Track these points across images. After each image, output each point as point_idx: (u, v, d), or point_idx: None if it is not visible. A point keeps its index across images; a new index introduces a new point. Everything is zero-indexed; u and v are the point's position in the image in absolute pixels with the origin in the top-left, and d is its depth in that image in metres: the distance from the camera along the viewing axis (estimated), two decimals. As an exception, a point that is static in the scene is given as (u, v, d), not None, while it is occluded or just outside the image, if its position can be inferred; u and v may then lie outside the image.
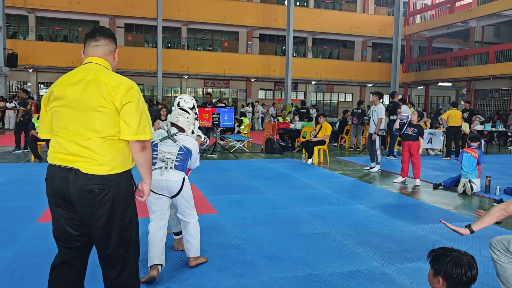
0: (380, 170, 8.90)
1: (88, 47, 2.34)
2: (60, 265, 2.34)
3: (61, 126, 2.19)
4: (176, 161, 3.32)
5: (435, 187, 7.17)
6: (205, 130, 11.02)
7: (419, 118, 7.71)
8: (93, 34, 2.33)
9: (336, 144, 14.09)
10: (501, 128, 14.96)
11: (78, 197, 2.12)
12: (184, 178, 3.35)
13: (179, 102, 3.85)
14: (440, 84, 28.09)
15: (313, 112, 18.61)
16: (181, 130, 3.49)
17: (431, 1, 29.73)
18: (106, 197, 2.14)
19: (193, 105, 3.86)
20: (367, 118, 14.70)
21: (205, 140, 4.09)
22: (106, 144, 2.15)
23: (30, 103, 10.70)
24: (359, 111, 12.82)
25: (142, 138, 2.16)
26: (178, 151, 3.34)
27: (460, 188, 6.79)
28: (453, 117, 11.05)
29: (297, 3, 26.63)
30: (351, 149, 13.09)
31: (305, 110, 14.86)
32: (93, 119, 2.13)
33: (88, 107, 2.13)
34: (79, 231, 2.25)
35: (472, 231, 2.68)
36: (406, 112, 12.78)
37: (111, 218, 2.18)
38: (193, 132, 3.60)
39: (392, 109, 10.98)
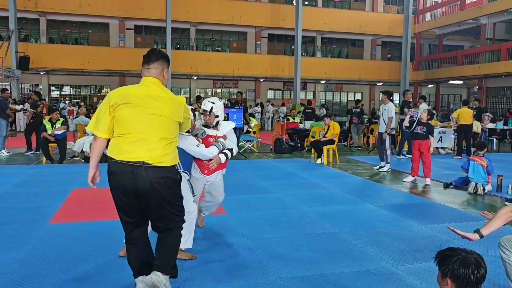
0: (390, 170, 8.85)
1: (143, 69, 2.90)
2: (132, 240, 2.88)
3: (129, 128, 2.67)
4: None
5: (446, 186, 7.10)
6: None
7: (429, 117, 7.63)
8: (148, 59, 2.88)
9: (345, 144, 14.03)
10: (513, 126, 14.75)
11: (150, 185, 2.67)
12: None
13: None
14: (451, 82, 27.79)
15: (322, 111, 18.55)
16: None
17: (441, -2, 29.45)
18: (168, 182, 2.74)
19: (194, 109, 3.95)
20: (366, 117, 14.64)
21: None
22: (170, 144, 2.75)
23: (41, 105, 10.85)
24: (358, 110, 12.77)
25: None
26: None
27: (470, 190, 6.69)
28: (464, 115, 10.93)
29: (306, 3, 26.57)
30: (359, 148, 13.02)
31: (311, 110, 14.80)
32: (167, 126, 2.73)
33: (164, 116, 2.71)
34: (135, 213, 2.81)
35: (481, 236, 2.67)
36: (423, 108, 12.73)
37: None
38: (189, 131, 3.61)
39: (400, 108, 10.90)
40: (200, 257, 3.71)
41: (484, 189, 6.63)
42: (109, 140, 2.79)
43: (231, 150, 3.98)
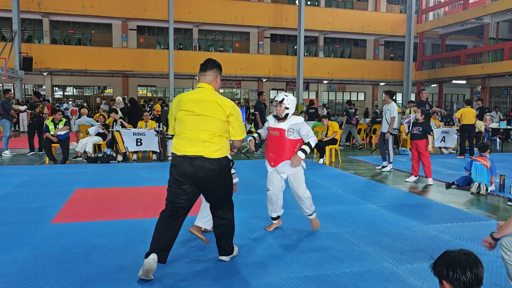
0: (392, 170, 8.83)
1: (200, 76, 3.43)
2: (167, 216, 3.39)
3: (185, 128, 3.26)
4: None
5: (448, 186, 7.07)
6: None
7: (423, 116, 7.60)
8: (204, 67, 3.41)
9: (348, 143, 14.01)
10: (517, 125, 14.69)
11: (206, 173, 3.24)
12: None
13: None
14: (454, 82, 27.70)
15: (323, 111, 18.49)
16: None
17: (444, -3, 29.37)
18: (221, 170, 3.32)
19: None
20: (358, 117, 14.60)
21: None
22: (221, 138, 3.29)
23: (40, 105, 10.78)
24: (353, 110, 12.77)
25: (243, 137, 3.43)
26: None
27: (473, 190, 6.67)
28: (467, 115, 10.89)
29: (308, 3, 26.54)
30: (361, 147, 13.00)
31: (313, 110, 14.78)
32: (214, 124, 3.25)
33: (211, 116, 3.24)
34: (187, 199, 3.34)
35: (494, 238, 2.80)
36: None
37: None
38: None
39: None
40: (201, 257, 3.71)
41: (487, 189, 6.61)
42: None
43: (308, 144, 4.30)
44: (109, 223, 4.72)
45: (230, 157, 3.46)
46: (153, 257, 3.15)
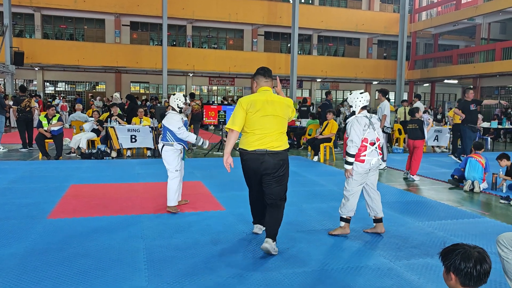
0: (386, 168, 8.90)
1: (263, 82, 3.91)
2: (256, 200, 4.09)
3: (262, 126, 3.67)
4: None
5: (453, 183, 7.11)
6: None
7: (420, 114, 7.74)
8: (265, 74, 3.92)
9: (342, 142, 14.08)
10: (507, 125, 14.87)
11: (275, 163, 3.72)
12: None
13: None
14: (446, 81, 27.96)
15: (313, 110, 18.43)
16: None
17: (437, -3, 29.58)
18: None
19: None
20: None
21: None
22: (284, 135, 3.81)
23: (26, 100, 10.49)
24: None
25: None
26: None
27: (466, 188, 6.76)
28: (460, 114, 10.99)
29: (302, 1, 26.57)
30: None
31: (306, 108, 14.83)
32: (280, 122, 3.76)
33: (281, 117, 3.76)
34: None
35: None
36: (420, 108, 12.73)
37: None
38: (181, 111, 5.39)
39: (462, 109, 9.51)
40: (201, 252, 3.73)
41: (479, 187, 6.70)
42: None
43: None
44: (106, 219, 4.71)
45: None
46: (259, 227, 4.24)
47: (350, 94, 4.40)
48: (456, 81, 28.50)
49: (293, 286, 3.13)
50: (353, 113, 4.33)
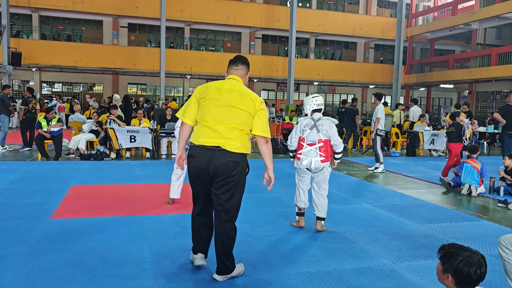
0: (384, 171, 8.97)
1: (230, 69, 3.36)
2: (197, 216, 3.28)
3: (212, 117, 3.06)
4: None
5: (447, 187, 7.20)
6: None
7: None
8: (235, 61, 3.38)
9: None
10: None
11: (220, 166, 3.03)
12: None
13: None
14: (442, 86, 28.16)
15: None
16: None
17: (434, 3, 29.80)
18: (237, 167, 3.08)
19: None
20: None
21: None
22: (242, 133, 3.09)
23: (33, 101, 10.75)
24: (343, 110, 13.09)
25: (267, 135, 3.16)
26: None
27: (464, 192, 6.84)
28: (456, 118, 11.09)
29: (300, 4, 26.70)
30: (354, 150, 13.16)
31: None
32: (238, 116, 3.07)
33: (237, 108, 3.07)
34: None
35: None
36: (417, 112, 12.81)
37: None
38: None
39: (504, 114, 8.53)
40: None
41: (476, 191, 6.78)
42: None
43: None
44: (109, 219, 4.74)
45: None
46: (200, 256, 3.37)
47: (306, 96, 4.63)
48: (452, 86, 28.72)
49: (297, 286, 3.17)
50: (306, 115, 4.62)
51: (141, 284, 3.09)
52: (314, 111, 4.56)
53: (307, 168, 4.47)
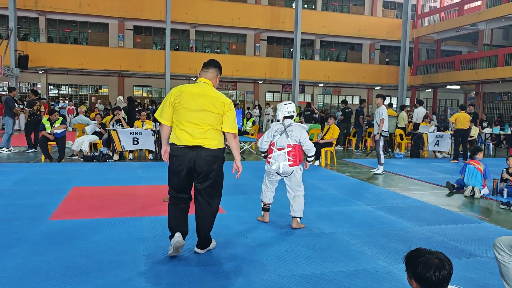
0: (384, 172, 8.90)
1: (202, 71, 3.70)
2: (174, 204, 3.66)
3: (188, 120, 3.46)
4: None
5: (451, 189, 7.12)
6: None
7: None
8: (208, 64, 3.70)
9: (343, 147, 14.10)
10: (510, 131, 14.87)
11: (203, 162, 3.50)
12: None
13: None
14: (448, 87, 27.97)
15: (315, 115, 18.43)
16: None
17: (440, 3, 29.65)
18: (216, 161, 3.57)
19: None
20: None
21: None
22: (216, 132, 3.54)
23: (37, 104, 10.86)
24: (349, 109, 13.08)
25: (235, 131, 3.60)
26: None
27: (467, 193, 6.77)
28: (461, 120, 11.02)
29: (305, 6, 26.70)
30: (357, 151, 13.11)
31: (309, 113, 14.89)
32: (208, 117, 3.47)
33: (209, 111, 3.47)
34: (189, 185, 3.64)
35: None
36: (421, 113, 12.72)
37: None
38: None
39: None
40: (200, 255, 3.76)
41: (480, 193, 6.71)
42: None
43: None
44: (107, 221, 4.75)
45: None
46: (178, 234, 3.55)
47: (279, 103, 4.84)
48: (458, 87, 28.51)
49: (291, 288, 3.16)
50: (278, 120, 4.84)
51: (133, 286, 3.09)
52: (285, 117, 4.76)
53: (276, 172, 4.64)
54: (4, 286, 3.02)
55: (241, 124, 11.47)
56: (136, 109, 14.29)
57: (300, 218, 4.73)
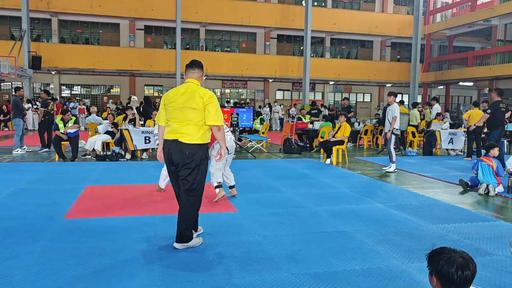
0: (396, 170, 8.83)
1: (188, 73, 3.97)
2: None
3: (173, 117, 3.78)
4: None
5: (465, 187, 7.02)
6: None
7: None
8: (192, 65, 3.98)
9: (355, 144, 14.03)
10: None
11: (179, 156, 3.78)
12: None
13: None
14: (461, 83, 27.61)
15: (325, 112, 18.29)
16: None
17: (452, -1, 29.29)
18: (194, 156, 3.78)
19: None
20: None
21: None
22: (196, 127, 3.75)
23: (51, 103, 11.00)
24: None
25: (218, 123, 3.79)
26: None
27: (481, 191, 6.68)
28: (475, 117, 10.87)
29: (315, 3, 26.57)
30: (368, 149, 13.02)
31: (316, 111, 14.83)
32: (189, 113, 3.74)
33: (189, 107, 3.74)
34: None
35: None
36: (435, 111, 12.56)
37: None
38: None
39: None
40: (213, 252, 3.77)
41: (494, 190, 6.62)
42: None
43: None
44: (120, 219, 4.79)
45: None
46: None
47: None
48: (471, 84, 28.14)
49: (304, 287, 3.15)
50: None
51: (147, 284, 3.11)
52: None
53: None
54: (21, 283, 3.07)
55: (251, 123, 11.45)
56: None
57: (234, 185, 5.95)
